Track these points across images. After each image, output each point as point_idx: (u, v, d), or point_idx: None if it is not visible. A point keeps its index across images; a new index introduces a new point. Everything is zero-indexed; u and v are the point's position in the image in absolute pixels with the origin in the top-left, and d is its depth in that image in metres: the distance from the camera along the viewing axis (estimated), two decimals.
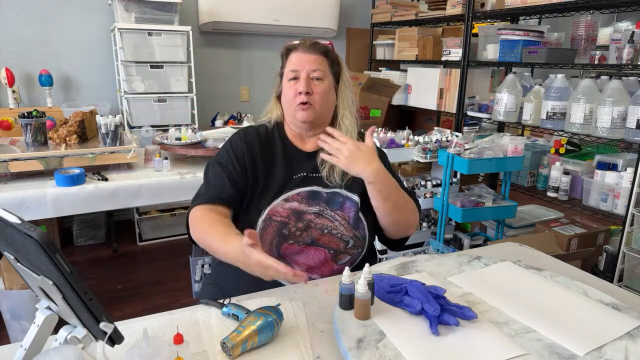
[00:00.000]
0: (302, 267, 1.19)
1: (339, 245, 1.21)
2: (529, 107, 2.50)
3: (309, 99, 1.21)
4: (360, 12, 4.10)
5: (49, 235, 0.63)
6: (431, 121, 3.73)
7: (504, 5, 2.67)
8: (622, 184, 2.19)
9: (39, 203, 1.86)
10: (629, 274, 2.17)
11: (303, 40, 1.25)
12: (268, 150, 1.27)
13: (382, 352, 0.82)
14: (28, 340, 0.76)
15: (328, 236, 1.20)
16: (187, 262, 1.58)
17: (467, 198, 2.43)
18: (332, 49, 1.28)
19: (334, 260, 1.21)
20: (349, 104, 1.29)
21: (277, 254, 1.18)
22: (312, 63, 1.21)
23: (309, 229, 1.19)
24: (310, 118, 1.23)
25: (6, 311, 2.01)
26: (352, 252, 1.23)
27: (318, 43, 1.25)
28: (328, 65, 1.25)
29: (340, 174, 1.24)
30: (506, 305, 0.98)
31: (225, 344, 0.83)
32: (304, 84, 1.20)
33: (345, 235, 1.22)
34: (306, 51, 1.22)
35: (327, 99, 1.24)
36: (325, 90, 1.22)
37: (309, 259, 1.19)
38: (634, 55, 2.18)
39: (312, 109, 1.22)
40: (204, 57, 3.55)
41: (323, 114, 1.25)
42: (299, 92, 1.20)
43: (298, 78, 1.21)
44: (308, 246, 1.19)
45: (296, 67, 1.22)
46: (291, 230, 1.18)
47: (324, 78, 1.22)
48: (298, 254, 1.19)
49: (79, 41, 3.19)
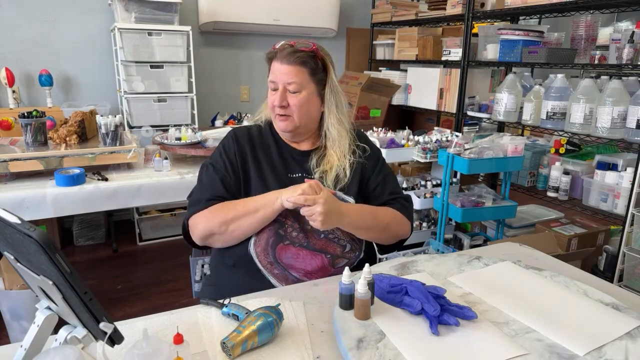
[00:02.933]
0: (300, 273, 1.18)
1: (336, 250, 1.21)
2: (529, 107, 2.50)
3: (286, 112, 1.21)
4: (360, 12, 4.10)
5: (49, 235, 0.63)
6: (431, 121, 3.73)
7: (504, 5, 2.67)
8: (622, 184, 2.19)
9: (39, 203, 1.86)
10: (629, 274, 2.17)
11: (282, 47, 1.20)
12: (262, 150, 1.27)
13: (382, 352, 0.82)
14: (28, 340, 0.76)
15: (325, 241, 1.20)
16: (187, 262, 1.59)
17: (467, 198, 2.43)
18: (316, 54, 1.22)
19: (332, 265, 1.20)
20: (338, 110, 1.26)
21: (273, 255, 1.17)
22: (288, 75, 1.18)
23: (306, 231, 1.19)
24: (288, 128, 1.24)
25: (6, 311, 2.01)
26: (349, 255, 1.23)
27: (296, 52, 1.18)
28: (308, 74, 1.20)
29: (334, 180, 1.24)
30: (506, 305, 0.98)
31: (225, 344, 0.83)
32: (279, 98, 1.19)
33: (342, 240, 1.21)
34: (283, 61, 1.18)
35: (306, 110, 1.22)
36: (301, 102, 1.20)
37: (306, 264, 1.18)
38: (634, 55, 2.18)
39: (290, 119, 1.22)
40: (204, 57, 3.55)
41: (304, 123, 1.24)
42: (275, 104, 1.21)
43: (277, 89, 1.21)
44: (304, 249, 1.18)
45: (274, 79, 1.20)
46: (287, 230, 1.18)
47: (301, 89, 1.19)
48: (295, 258, 1.17)
49: (79, 41, 3.19)
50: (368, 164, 1.30)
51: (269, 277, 1.18)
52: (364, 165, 1.29)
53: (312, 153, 1.28)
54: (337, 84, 1.26)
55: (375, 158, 1.34)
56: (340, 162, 1.25)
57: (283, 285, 1.17)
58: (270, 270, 1.17)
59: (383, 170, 1.33)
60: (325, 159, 1.26)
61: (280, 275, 1.18)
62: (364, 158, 1.29)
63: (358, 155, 1.29)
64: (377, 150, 1.36)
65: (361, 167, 1.29)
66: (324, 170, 1.24)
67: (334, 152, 1.26)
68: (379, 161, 1.34)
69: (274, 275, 1.18)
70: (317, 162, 1.26)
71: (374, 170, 1.31)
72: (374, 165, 1.32)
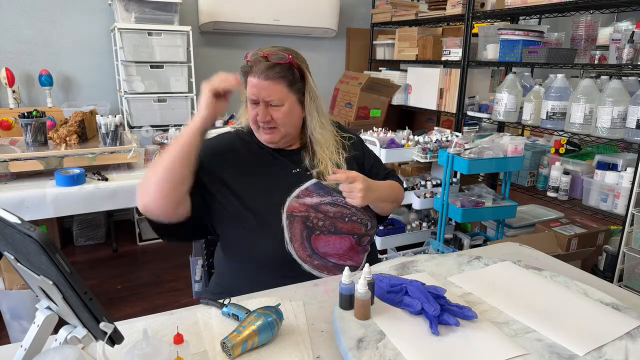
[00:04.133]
0: (336, 258, 1.21)
1: (361, 229, 1.25)
2: (529, 107, 2.50)
3: (271, 124, 1.21)
4: (360, 12, 4.10)
5: (49, 235, 0.63)
6: (431, 121, 3.73)
7: (504, 5, 2.67)
8: (622, 184, 2.19)
9: (39, 203, 1.86)
10: (629, 274, 2.17)
11: (257, 60, 1.18)
12: (253, 153, 1.27)
13: (382, 352, 0.82)
14: (28, 340, 0.76)
15: (350, 223, 1.23)
16: (187, 262, 1.58)
17: (467, 198, 2.43)
18: (292, 63, 1.20)
19: (358, 243, 1.25)
20: (319, 114, 1.28)
21: (310, 247, 1.19)
22: (268, 91, 1.17)
23: (330, 218, 1.21)
24: (275, 140, 1.25)
25: (6, 311, 2.01)
26: (371, 232, 1.29)
27: (272, 67, 1.17)
28: (286, 86, 1.19)
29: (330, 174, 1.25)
30: (506, 305, 0.98)
31: (225, 344, 0.83)
32: (262, 113, 1.19)
33: (364, 219, 1.26)
34: (260, 77, 1.17)
35: (290, 120, 1.23)
36: (285, 113, 1.20)
37: (337, 248, 1.22)
38: (634, 55, 2.18)
39: (276, 131, 1.23)
40: (204, 57, 3.55)
41: (289, 132, 1.25)
42: (258, 119, 1.21)
43: (257, 102, 1.20)
44: (333, 235, 1.21)
45: (253, 96, 1.19)
46: (314, 221, 1.20)
47: (282, 103, 1.19)
48: (328, 245, 1.21)
49: (79, 41, 3.19)
50: (358, 153, 1.37)
51: (311, 271, 1.19)
52: (356, 155, 1.36)
53: (303, 152, 1.30)
54: (314, 89, 1.26)
55: (359, 143, 1.41)
56: (332, 159, 1.28)
57: (325, 275, 1.20)
58: (311, 262, 1.19)
59: (368, 151, 1.43)
60: (316, 159, 1.28)
61: (321, 265, 1.20)
62: (352, 148, 1.36)
63: (348, 149, 1.34)
64: (357, 136, 1.43)
65: (354, 157, 1.35)
66: (320, 171, 1.26)
67: (322, 152, 1.28)
68: (362, 144, 1.43)
69: (315, 267, 1.19)
70: (310, 163, 1.27)
71: (364, 154, 1.40)
72: (361, 149, 1.40)
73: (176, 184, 1.11)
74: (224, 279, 1.29)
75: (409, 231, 2.66)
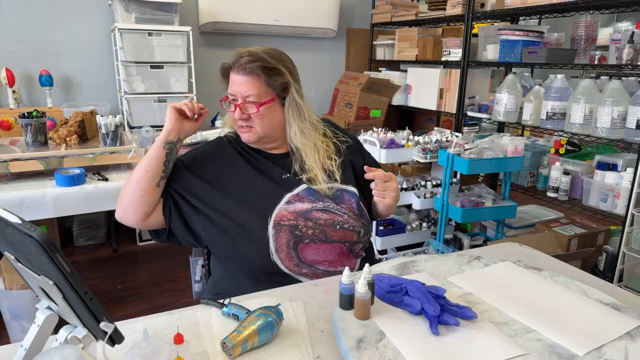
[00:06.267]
0: (326, 265, 1.20)
1: (353, 237, 1.24)
2: (529, 107, 2.50)
3: (248, 123, 1.20)
4: (360, 12, 4.10)
5: (49, 235, 0.63)
6: (431, 121, 3.73)
7: (504, 5, 2.68)
8: (622, 184, 2.19)
9: (39, 203, 1.86)
10: (629, 274, 2.17)
11: (238, 56, 1.18)
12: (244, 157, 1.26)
13: (382, 352, 0.82)
14: (28, 340, 0.76)
15: (341, 231, 1.22)
16: (187, 262, 1.58)
17: (467, 198, 2.43)
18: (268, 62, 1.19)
19: (350, 251, 1.24)
20: (300, 118, 1.23)
21: (297, 257, 1.17)
22: (245, 86, 1.16)
23: (320, 225, 1.19)
24: (252, 139, 1.23)
25: (6, 311, 2.01)
26: (364, 239, 1.27)
27: (251, 61, 1.16)
28: (264, 83, 1.17)
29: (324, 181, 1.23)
30: (506, 305, 0.98)
31: (225, 344, 0.83)
32: (239, 111, 1.19)
33: (356, 227, 1.24)
34: (238, 71, 1.17)
35: (268, 120, 1.20)
36: (262, 113, 1.18)
37: (327, 255, 1.20)
38: (633, 56, 2.18)
39: (253, 130, 1.21)
40: (204, 57, 3.55)
41: (267, 133, 1.23)
42: (235, 117, 1.21)
43: (236, 100, 1.19)
44: (324, 243, 1.20)
45: (232, 92, 1.19)
46: (303, 230, 1.18)
47: (259, 100, 1.17)
48: (317, 253, 1.19)
49: (79, 41, 3.19)
50: (356, 158, 1.36)
51: (299, 279, 1.18)
52: (352, 159, 1.35)
53: (290, 156, 1.27)
54: (296, 94, 1.22)
55: (357, 147, 1.40)
56: (325, 165, 1.26)
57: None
58: (299, 271, 1.18)
59: (368, 155, 1.43)
60: (305, 165, 1.25)
61: (310, 272, 1.19)
62: (348, 151, 1.34)
63: (344, 153, 1.32)
64: (355, 140, 1.41)
65: (350, 161, 1.34)
66: (309, 178, 1.23)
67: (310, 158, 1.25)
68: (362, 148, 1.42)
69: (304, 275, 1.18)
70: (299, 169, 1.25)
71: (364, 158, 1.40)
72: (361, 153, 1.40)
73: (144, 192, 1.15)
74: (218, 281, 1.29)
75: (409, 231, 2.66)
